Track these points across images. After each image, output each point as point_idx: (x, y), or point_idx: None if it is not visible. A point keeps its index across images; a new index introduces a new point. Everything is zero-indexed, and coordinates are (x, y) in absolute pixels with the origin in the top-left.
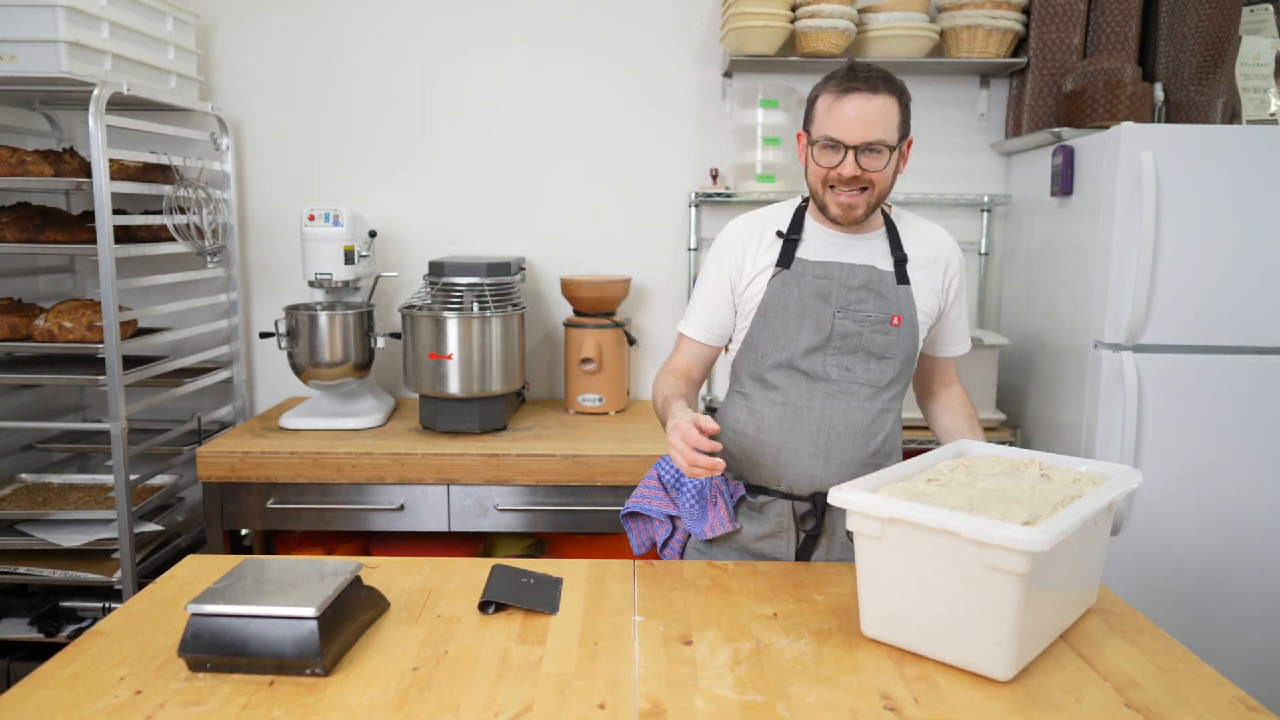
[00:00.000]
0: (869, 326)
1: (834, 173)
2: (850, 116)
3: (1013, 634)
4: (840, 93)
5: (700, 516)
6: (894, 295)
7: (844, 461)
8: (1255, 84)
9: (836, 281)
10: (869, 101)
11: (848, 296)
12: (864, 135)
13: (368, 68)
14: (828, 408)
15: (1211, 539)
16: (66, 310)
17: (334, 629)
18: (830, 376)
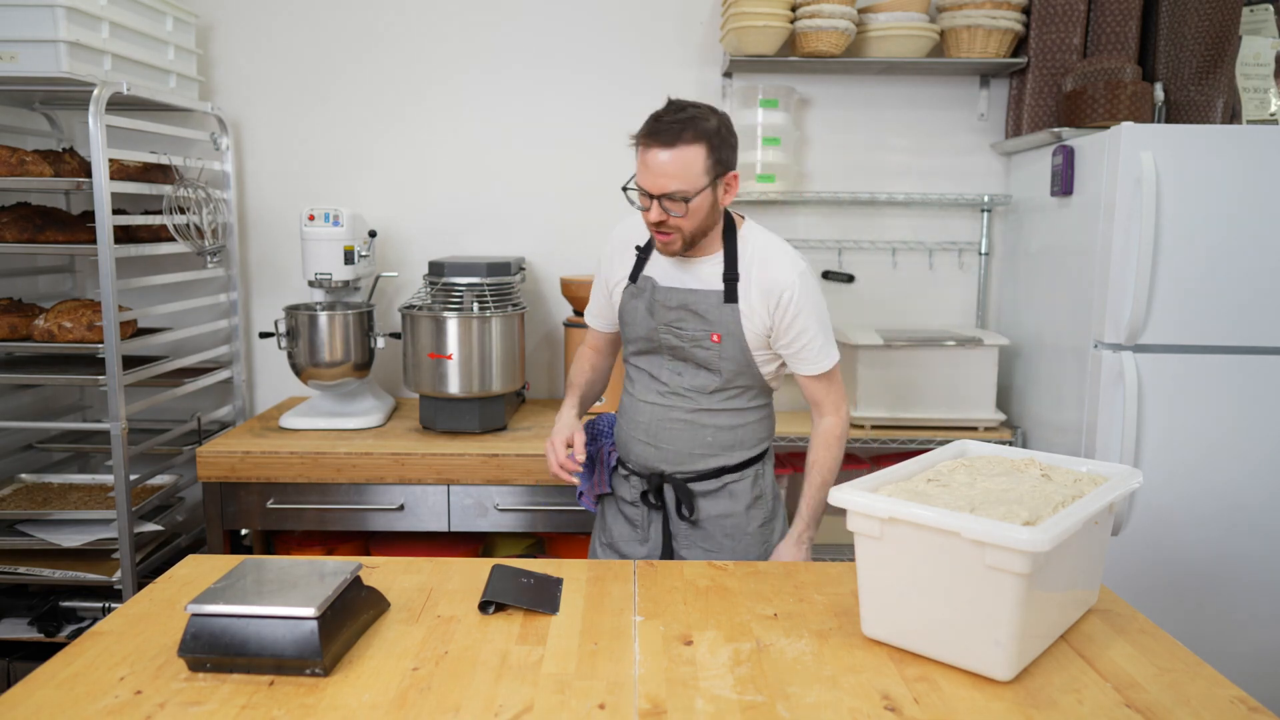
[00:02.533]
0: (689, 342)
1: (645, 216)
2: (650, 168)
3: (1013, 634)
4: (643, 144)
5: (588, 475)
6: (717, 315)
7: (672, 450)
8: (1255, 84)
9: (660, 302)
10: (664, 154)
11: (668, 315)
12: (662, 187)
13: (368, 67)
14: (659, 404)
15: (1211, 539)
16: (66, 310)
17: (334, 629)
18: (663, 379)
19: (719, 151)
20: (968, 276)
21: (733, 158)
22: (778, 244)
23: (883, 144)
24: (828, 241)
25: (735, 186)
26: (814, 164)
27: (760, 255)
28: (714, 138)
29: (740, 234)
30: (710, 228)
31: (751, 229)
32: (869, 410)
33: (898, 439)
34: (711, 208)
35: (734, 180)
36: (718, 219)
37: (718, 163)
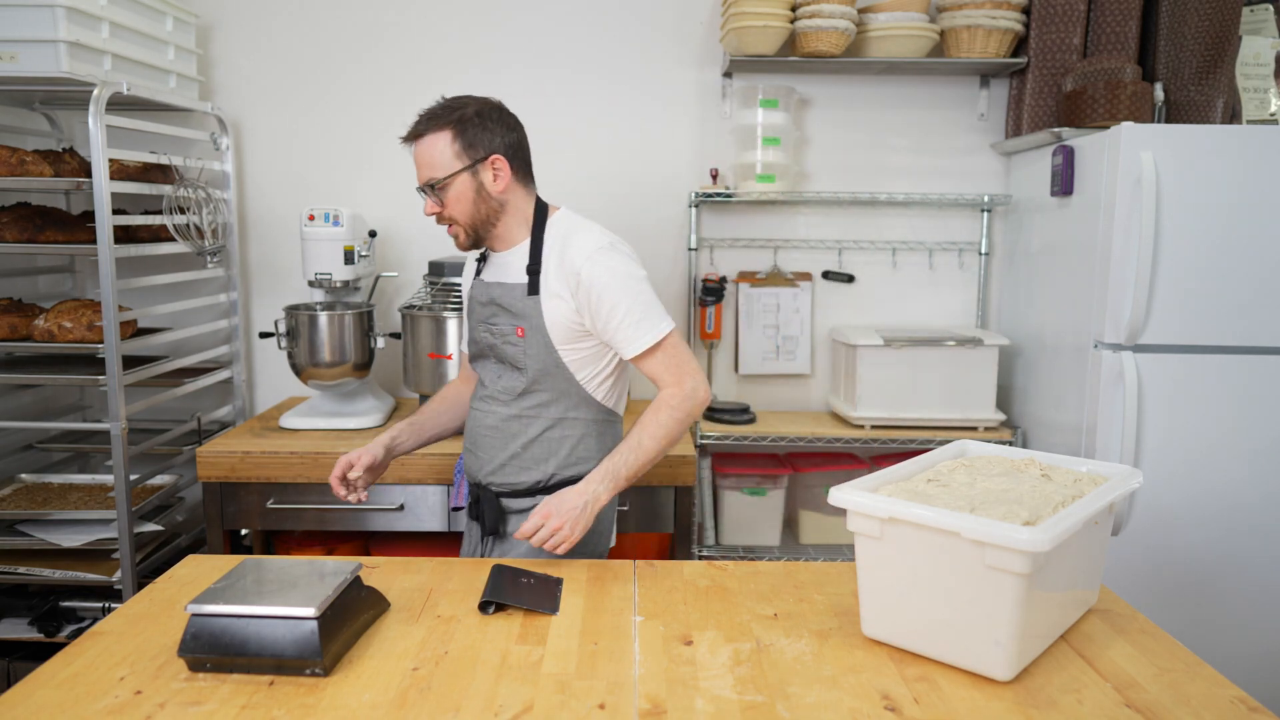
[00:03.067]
0: (500, 339)
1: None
2: (416, 161)
3: (1013, 634)
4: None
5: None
6: (521, 307)
7: (487, 458)
8: (1255, 84)
9: (475, 300)
10: (416, 148)
11: (483, 311)
12: (421, 178)
13: (368, 67)
14: (478, 409)
15: (1211, 539)
16: (66, 310)
17: (334, 629)
18: (487, 381)
19: (470, 135)
20: (968, 276)
21: (495, 141)
22: (582, 225)
23: (883, 144)
24: (828, 241)
25: (505, 169)
26: (814, 164)
27: (562, 240)
28: (463, 123)
29: (549, 222)
30: (491, 216)
31: (561, 216)
32: (869, 410)
33: (898, 439)
34: (478, 195)
35: (500, 163)
36: (497, 207)
37: (469, 146)
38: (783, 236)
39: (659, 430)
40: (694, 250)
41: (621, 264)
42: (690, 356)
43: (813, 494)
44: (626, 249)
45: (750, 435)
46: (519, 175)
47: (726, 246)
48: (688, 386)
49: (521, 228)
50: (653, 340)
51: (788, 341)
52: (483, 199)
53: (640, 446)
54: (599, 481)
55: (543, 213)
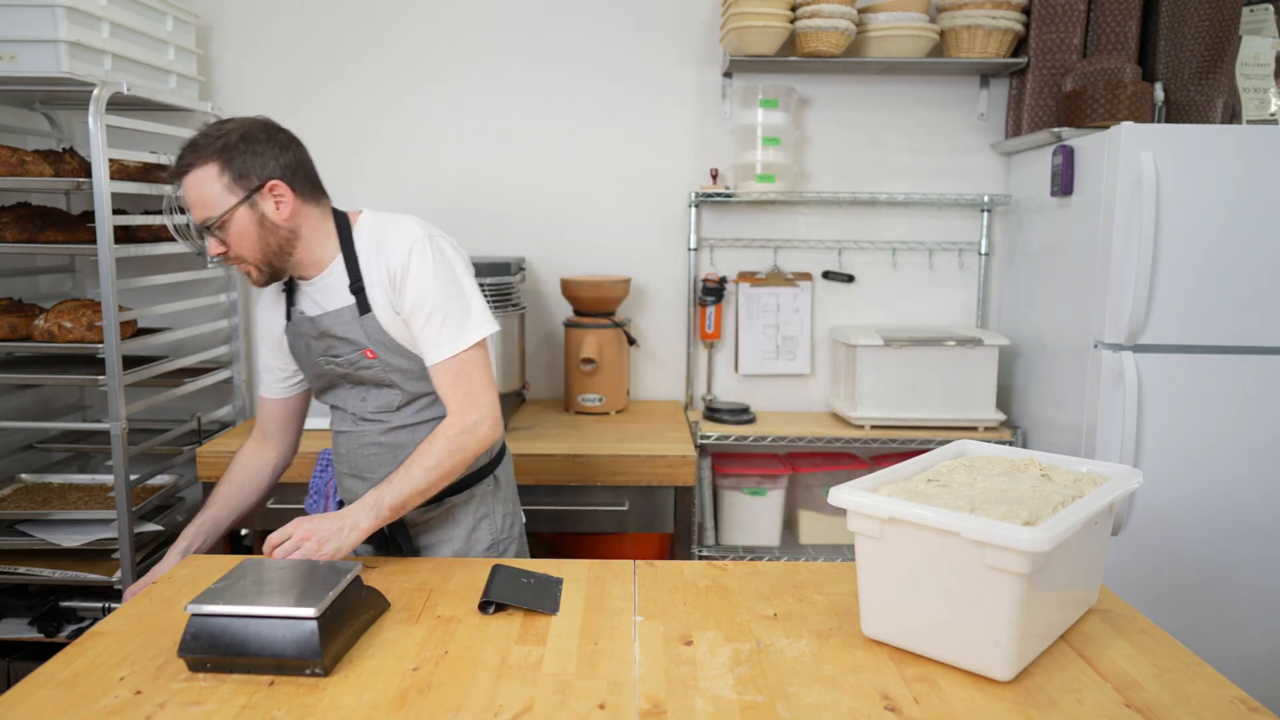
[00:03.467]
0: (351, 366)
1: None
2: (187, 198)
3: (1013, 634)
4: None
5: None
6: (359, 330)
7: (379, 479)
8: (1255, 84)
9: (306, 336)
10: (184, 184)
11: (319, 345)
12: (197, 218)
13: (368, 68)
14: (354, 432)
15: (1211, 539)
16: (66, 310)
17: (334, 629)
18: (350, 408)
19: (238, 164)
20: (968, 276)
21: (268, 166)
22: (393, 220)
23: (883, 144)
24: (828, 241)
25: (286, 195)
26: (814, 164)
27: (375, 243)
28: (228, 151)
29: (355, 231)
30: (284, 246)
31: (366, 220)
32: (869, 410)
33: (898, 439)
34: (262, 227)
35: (280, 189)
36: (288, 235)
37: (241, 177)
38: (783, 236)
39: (431, 462)
40: (694, 250)
41: (438, 259)
42: (488, 383)
43: (813, 494)
44: (447, 240)
45: (750, 435)
46: (305, 196)
47: (726, 246)
48: (470, 419)
49: (326, 247)
50: (450, 352)
51: (788, 341)
52: (269, 230)
53: (410, 477)
54: (362, 510)
55: (345, 223)
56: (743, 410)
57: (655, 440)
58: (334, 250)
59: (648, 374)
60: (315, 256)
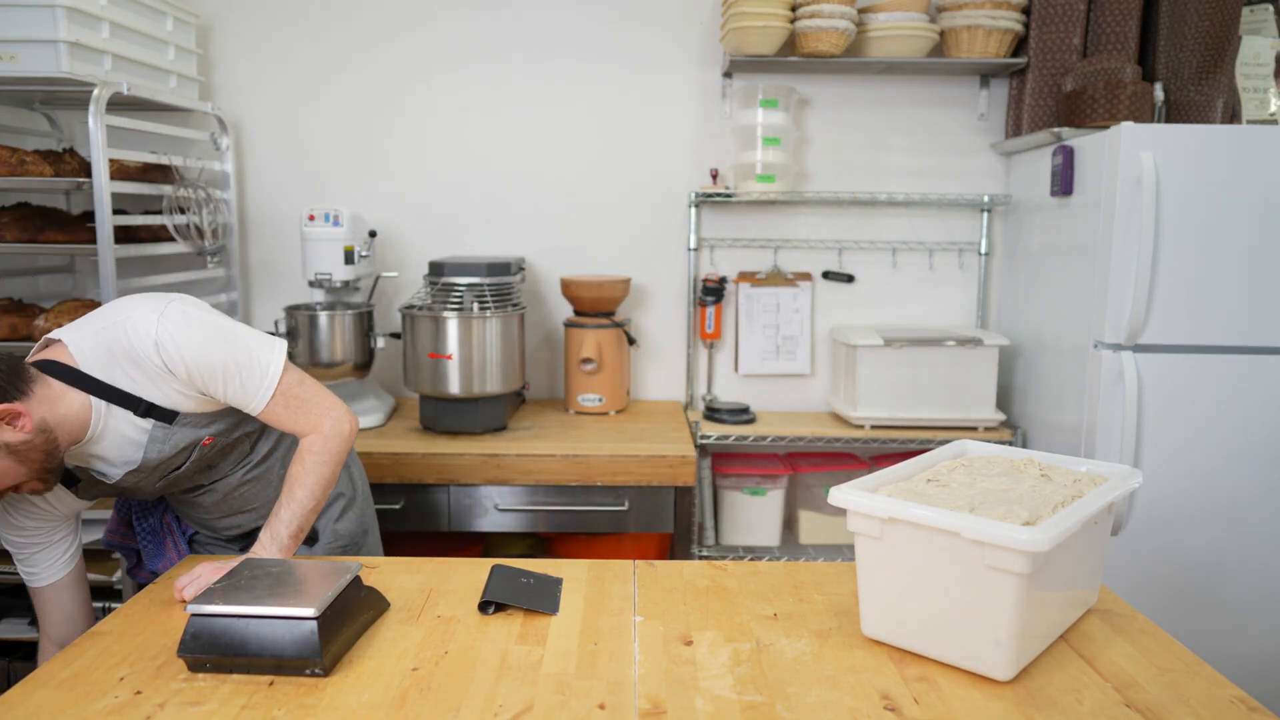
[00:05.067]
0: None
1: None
2: None
3: (1013, 634)
4: None
5: (158, 554)
6: (182, 436)
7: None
8: (1255, 84)
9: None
10: None
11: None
12: None
13: (368, 67)
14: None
15: (1212, 539)
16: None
17: (334, 629)
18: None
19: None
20: (968, 276)
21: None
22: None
23: (883, 144)
24: (828, 241)
25: (23, 417)
26: (814, 164)
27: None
28: None
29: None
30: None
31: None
32: (869, 410)
33: (898, 439)
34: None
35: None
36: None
37: None
38: (783, 236)
39: (309, 479)
40: (694, 250)
41: (189, 328)
42: (316, 388)
43: (813, 494)
44: (180, 301)
45: (750, 435)
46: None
47: (726, 246)
48: (326, 428)
49: (73, 408)
50: (268, 395)
51: (788, 341)
52: (26, 451)
53: (296, 501)
54: (267, 550)
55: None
56: (743, 410)
57: (655, 440)
58: (82, 403)
59: (648, 374)
60: (73, 426)
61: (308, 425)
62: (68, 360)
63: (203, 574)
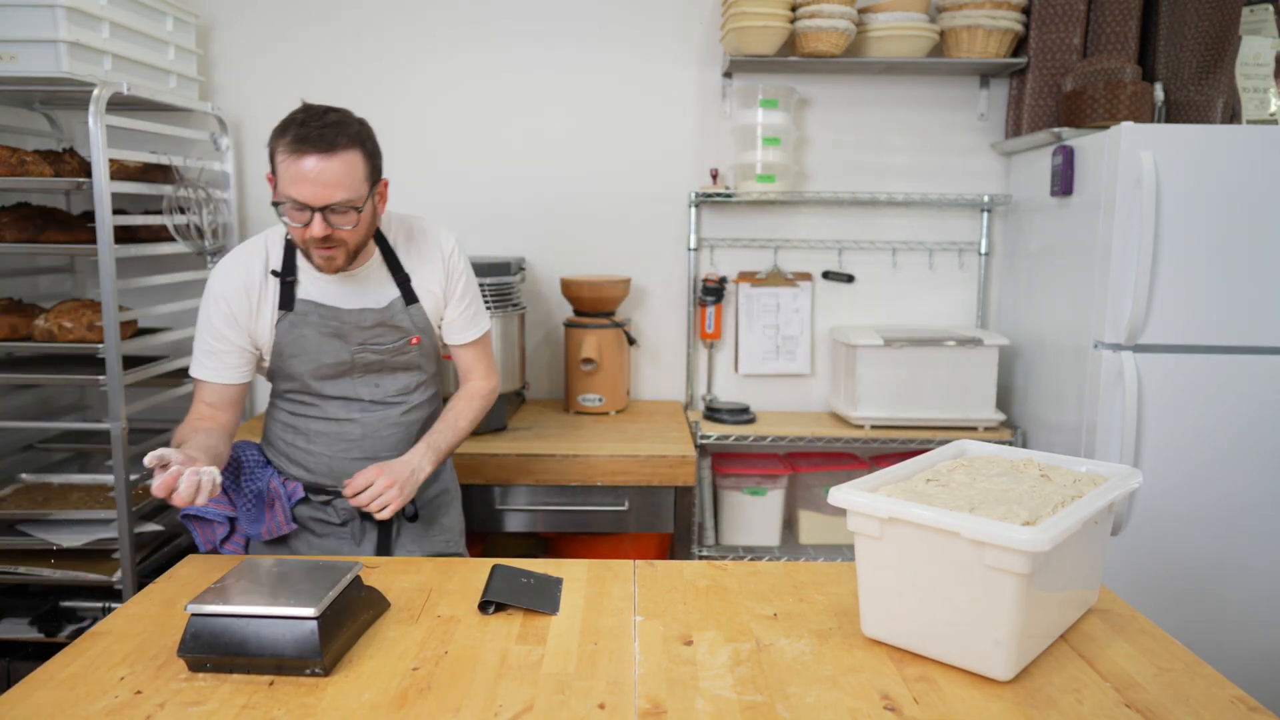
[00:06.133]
0: (389, 353)
1: (304, 233)
2: (308, 178)
3: (1013, 634)
4: (294, 152)
5: (258, 519)
6: (407, 319)
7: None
8: (1255, 84)
9: (350, 324)
10: (326, 163)
11: (364, 335)
12: (328, 198)
13: (367, 67)
14: (366, 419)
15: (1211, 539)
16: (66, 310)
17: (334, 629)
18: (363, 395)
19: (374, 158)
20: (968, 276)
21: (381, 165)
22: (418, 217)
23: (883, 144)
24: (828, 241)
25: (386, 195)
26: (814, 164)
27: (405, 238)
28: (368, 143)
29: (384, 228)
30: (369, 238)
31: (389, 219)
32: (869, 410)
33: (897, 439)
34: (373, 218)
35: (385, 189)
36: (373, 229)
37: (374, 170)
38: (783, 236)
39: (473, 416)
40: (694, 250)
41: (465, 257)
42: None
43: (813, 494)
44: None
45: (750, 435)
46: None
47: (726, 246)
48: (494, 382)
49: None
50: (482, 332)
51: (788, 341)
52: (373, 222)
53: (456, 427)
54: (423, 455)
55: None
56: (743, 410)
57: (655, 440)
58: (373, 246)
59: (648, 374)
60: (368, 249)
61: (483, 372)
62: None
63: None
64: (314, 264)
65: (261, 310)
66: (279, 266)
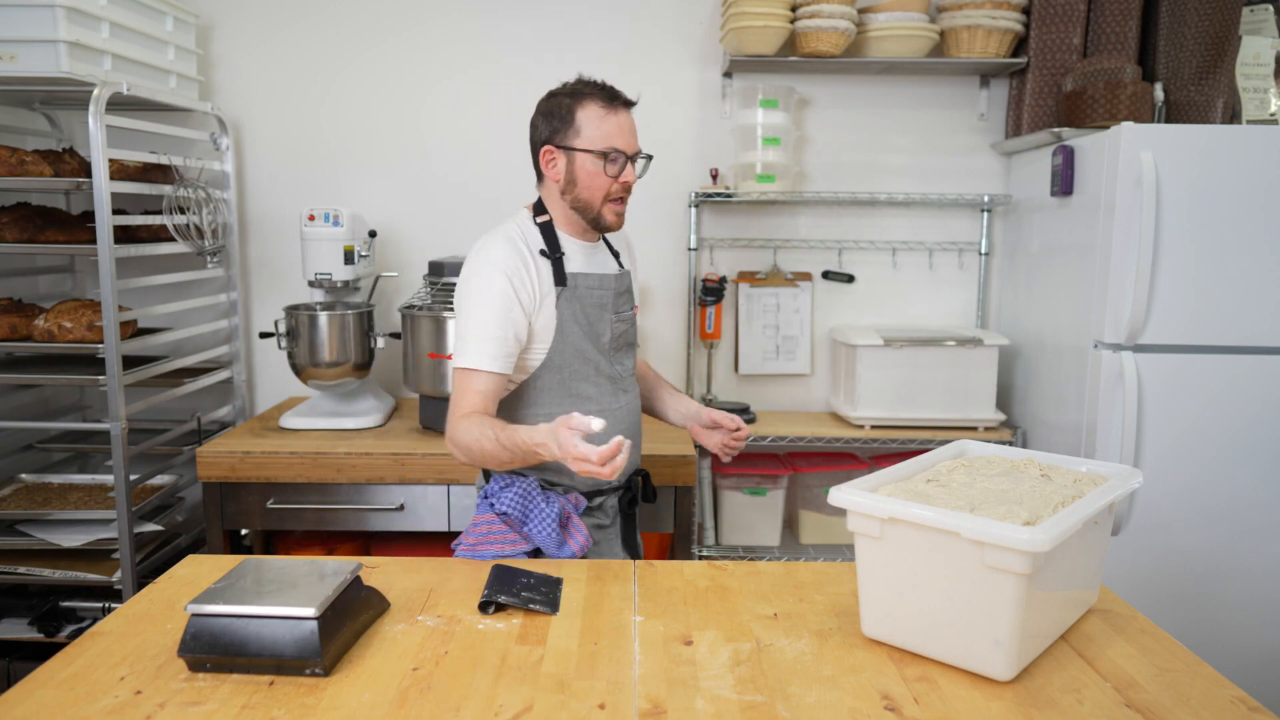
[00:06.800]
0: (628, 322)
1: (620, 182)
2: (628, 129)
3: (1012, 634)
4: (612, 107)
5: (562, 541)
6: (629, 285)
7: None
8: (1255, 84)
9: (610, 291)
10: (630, 115)
11: (618, 301)
12: (637, 146)
13: (368, 67)
14: (625, 402)
15: (1212, 539)
16: (66, 310)
17: (334, 629)
18: (619, 375)
19: None
20: (968, 276)
21: None
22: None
23: (883, 144)
24: (828, 241)
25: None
26: (814, 164)
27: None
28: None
29: None
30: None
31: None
32: (869, 410)
33: (898, 439)
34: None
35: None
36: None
37: None
38: (783, 236)
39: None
40: (694, 250)
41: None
42: None
43: (813, 494)
44: None
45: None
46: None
47: (726, 246)
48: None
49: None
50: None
51: (788, 341)
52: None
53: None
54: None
55: None
56: (743, 410)
57: (655, 440)
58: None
59: None
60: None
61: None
62: None
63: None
64: (604, 223)
65: (541, 289)
66: (544, 248)
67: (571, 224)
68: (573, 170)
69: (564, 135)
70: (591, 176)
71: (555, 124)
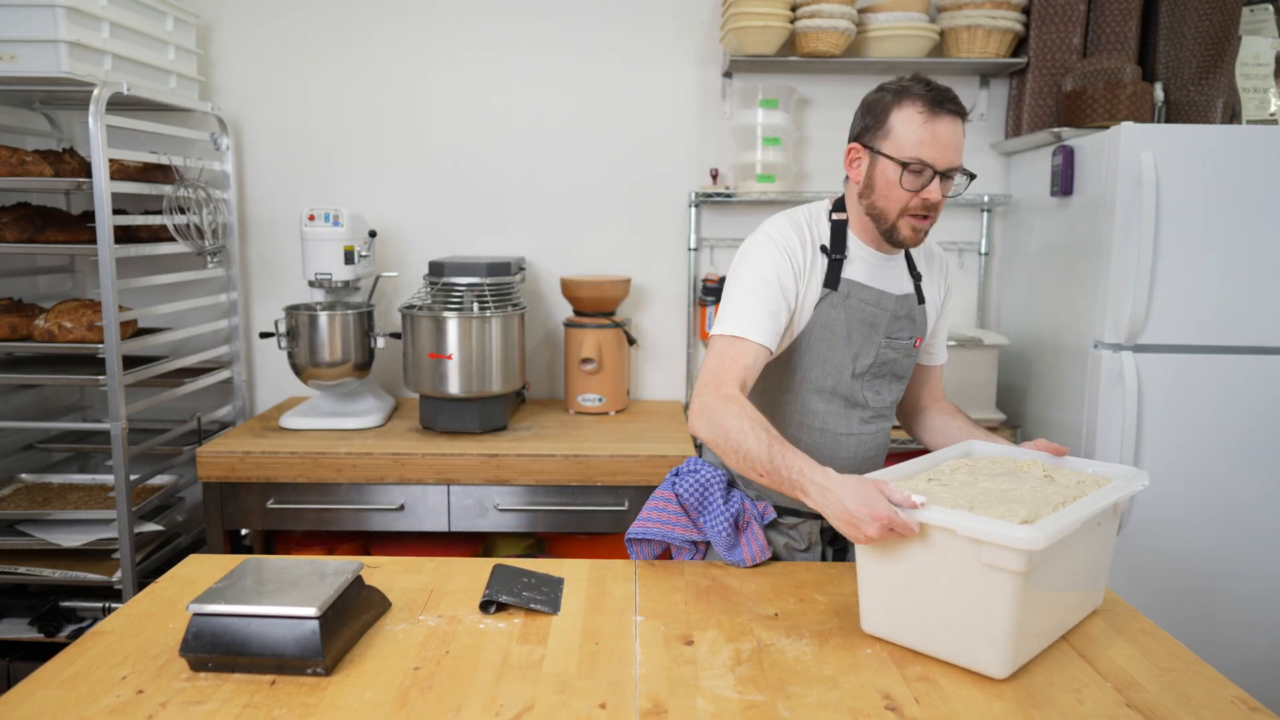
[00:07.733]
0: (903, 352)
1: (919, 198)
2: (945, 141)
3: (1008, 632)
4: (933, 113)
5: (735, 544)
6: (919, 317)
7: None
8: (1255, 84)
9: (887, 311)
10: (957, 126)
11: (894, 325)
12: (953, 161)
13: (368, 67)
14: (863, 433)
15: (1212, 539)
16: (66, 310)
17: (335, 629)
18: (867, 403)
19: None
20: (968, 276)
21: None
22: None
23: None
24: None
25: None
26: (814, 164)
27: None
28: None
29: None
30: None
31: None
32: None
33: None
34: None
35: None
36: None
37: None
38: None
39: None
40: (694, 250)
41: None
42: None
43: None
44: None
45: None
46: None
47: (727, 246)
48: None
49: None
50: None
51: None
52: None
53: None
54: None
55: None
56: None
57: (655, 440)
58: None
59: (648, 374)
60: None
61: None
62: None
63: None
64: (898, 236)
65: (810, 281)
66: (827, 243)
67: (866, 230)
68: (873, 174)
69: (873, 134)
70: (889, 185)
71: (869, 120)
